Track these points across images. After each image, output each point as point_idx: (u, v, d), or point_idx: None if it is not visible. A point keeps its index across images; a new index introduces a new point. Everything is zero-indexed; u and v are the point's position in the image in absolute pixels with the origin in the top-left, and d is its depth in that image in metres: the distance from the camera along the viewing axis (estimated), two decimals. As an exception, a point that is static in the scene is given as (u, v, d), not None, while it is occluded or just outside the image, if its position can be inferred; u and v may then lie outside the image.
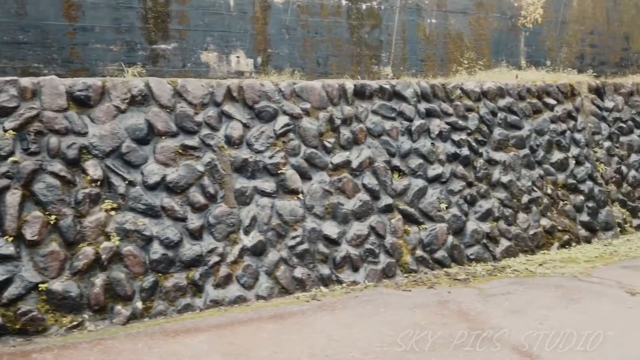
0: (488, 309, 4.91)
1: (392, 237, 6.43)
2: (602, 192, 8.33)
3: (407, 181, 6.79)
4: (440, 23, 8.99)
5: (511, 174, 7.62)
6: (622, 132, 9.04)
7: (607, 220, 8.22)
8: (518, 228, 7.40)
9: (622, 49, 11.32)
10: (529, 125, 8.05)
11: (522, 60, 9.86)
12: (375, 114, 6.86)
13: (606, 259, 6.93)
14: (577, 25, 10.57)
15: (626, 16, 11.27)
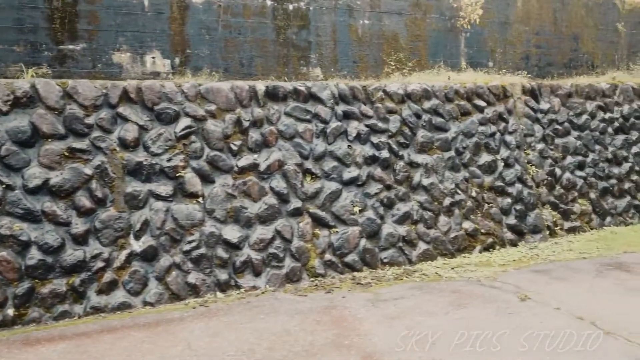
0: (369, 315, 4.76)
1: (300, 241, 6.29)
2: (531, 194, 8.20)
3: (319, 184, 6.64)
4: (373, 24, 8.85)
5: (434, 177, 7.49)
6: (558, 134, 8.89)
7: (535, 223, 8.09)
8: (438, 231, 7.26)
9: (571, 50, 11.17)
10: (456, 127, 7.90)
11: (462, 61, 9.71)
12: (289, 116, 6.71)
13: (523, 262, 6.79)
14: (521, 26, 10.43)
15: (575, 17, 11.13)
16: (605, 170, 9.06)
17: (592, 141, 9.12)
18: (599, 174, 8.97)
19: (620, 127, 9.53)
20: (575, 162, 8.78)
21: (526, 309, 4.85)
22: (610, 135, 9.39)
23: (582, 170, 8.84)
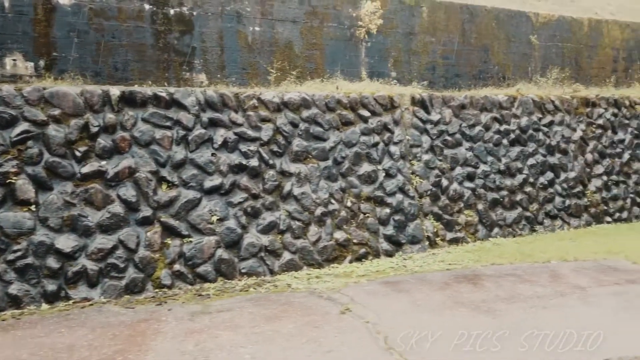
0: (172, 329, 4.51)
1: (146, 251, 6.07)
2: (412, 205, 8.10)
3: (175, 192, 6.42)
4: (265, 31, 8.68)
5: (307, 186, 7.33)
6: (448, 145, 8.79)
7: (414, 233, 7.97)
8: (306, 241, 7.09)
9: (481, 62, 11.14)
10: (336, 137, 7.75)
11: (362, 71, 9.58)
12: (146, 122, 6.47)
13: (384, 274, 6.63)
14: (427, 36, 10.36)
15: (485, 29, 11.11)
16: (496, 181, 9.01)
17: (485, 152, 9.06)
18: (489, 185, 8.91)
19: (517, 139, 9.50)
20: (464, 173, 8.70)
21: (335, 323, 4.65)
22: (505, 147, 9.36)
23: (472, 181, 8.76)
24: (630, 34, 13.27)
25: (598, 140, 10.48)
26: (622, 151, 10.72)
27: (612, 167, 10.43)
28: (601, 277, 6.08)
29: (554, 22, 11.89)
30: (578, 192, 9.77)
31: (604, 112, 10.78)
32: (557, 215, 9.37)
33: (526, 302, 5.20)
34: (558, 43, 12.00)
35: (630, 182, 10.57)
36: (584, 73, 12.43)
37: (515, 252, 7.55)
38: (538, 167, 9.45)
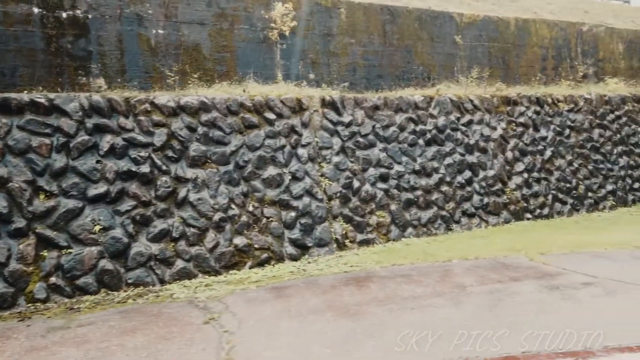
0: (16, 347, 4.18)
1: (18, 264, 5.76)
2: (320, 208, 7.96)
3: (54, 202, 6.12)
4: (170, 34, 8.43)
5: (204, 192, 7.10)
6: (360, 146, 8.66)
7: (322, 236, 7.80)
8: (203, 248, 6.88)
9: (405, 62, 11.09)
10: (238, 140, 7.58)
11: (278, 73, 9.41)
12: (22, 130, 6.15)
13: (281, 279, 6.31)
14: (347, 37, 10.25)
15: (407, 29, 11.06)
16: (411, 181, 8.93)
17: (399, 153, 8.98)
18: (403, 185, 8.83)
19: (433, 139, 9.45)
20: (377, 174, 8.60)
21: (190, 334, 4.38)
22: (421, 147, 9.30)
23: (385, 182, 8.67)
24: (559, 32, 13.43)
25: (519, 138, 10.52)
26: (544, 148, 10.79)
27: (533, 165, 10.46)
28: (489, 276, 6.01)
29: (479, 22, 11.94)
30: (497, 190, 9.78)
31: (526, 110, 10.84)
32: (474, 214, 9.35)
33: (399, 303, 5.06)
34: (484, 43, 12.05)
35: (552, 179, 10.64)
36: (512, 72, 12.52)
37: (421, 252, 7.45)
38: (455, 166, 9.42)
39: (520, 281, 5.72)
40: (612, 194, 11.42)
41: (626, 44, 14.88)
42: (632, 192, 11.78)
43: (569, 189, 10.71)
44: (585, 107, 11.66)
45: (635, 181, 11.90)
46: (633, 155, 12.14)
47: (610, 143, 11.83)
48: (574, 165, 11.01)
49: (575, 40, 13.66)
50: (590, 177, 11.16)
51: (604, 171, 11.41)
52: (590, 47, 14.03)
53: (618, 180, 11.59)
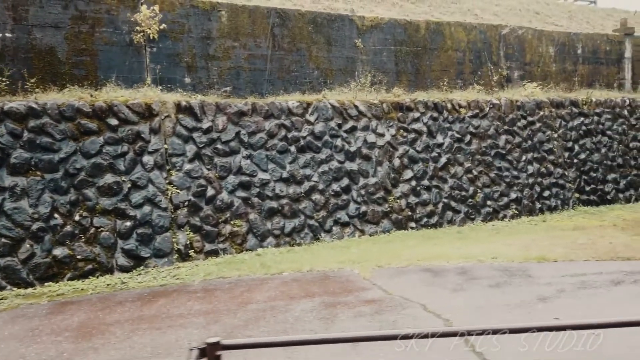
0: None
1: None
2: (163, 217, 7.69)
3: None
4: (20, 37, 8.15)
5: (24, 201, 6.84)
6: (219, 153, 8.39)
7: (161, 247, 7.51)
8: (14, 259, 6.61)
9: (298, 66, 10.76)
10: (69, 147, 7.31)
11: (147, 77, 9.13)
12: None
13: (82, 292, 6.25)
14: (229, 41, 9.95)
15: (300, 33, 10.71)
16: (276, 190, 8.64)
17: (266, 160, 8.71)
18: (267, 193, 8.52)
19: (308, 146, 9.18)
20: (237, 182, 8.35)
21: None
22: (293, 154, 9.02)
23: (247, 190, 8.42)
24: (478, 35, 13.06)
25: (411, 144, 10.18)
26: (439, 155, 10.46)
27: (424, 172, 10.00)
28: (291, 291, 5.69)
29: (384, 25, 11.60)
30: (379, 199, 9.46)
31: (421, 116, 10.51)
32: (348, 223, 9.05)
33: (153, 322, 4.82)
34: (391, 46, 11.72)
35: (445, 187, 10.30)
36: (422, 76, 12.17)
37: (260, 264, 7.14)
38: (331, 173, 9.11)
39: (311, 298, 5.42)
40: (517, 202, 11.06)
41: (557, 47, 14.47)
42: (542, 200, 11.42)
43: (464, 197, 10.37)
44: (491, 112, 11.31)
45: (545, 189, 11.53)
46: (545, 162, 11.76)
47: (519, 150, 11.46)
48: (473, 173, 10.66)
49: (497, 44, 13.29)
50: (491, 185, 10.81)
51: (509, 179, 11.05)
52: (515, 51, 13.65)
53: (524, 189, 11.22)
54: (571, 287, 5.46)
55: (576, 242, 8.01)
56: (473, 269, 6.46)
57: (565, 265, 6.48)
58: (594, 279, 5.74)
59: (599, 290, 5.31)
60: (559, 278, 5.83)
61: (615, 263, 6.51)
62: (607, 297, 5.08)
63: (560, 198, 11.56)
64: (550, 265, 6.49)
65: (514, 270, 6.31)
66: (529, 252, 7.25)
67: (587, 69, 15.05)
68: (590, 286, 5.47)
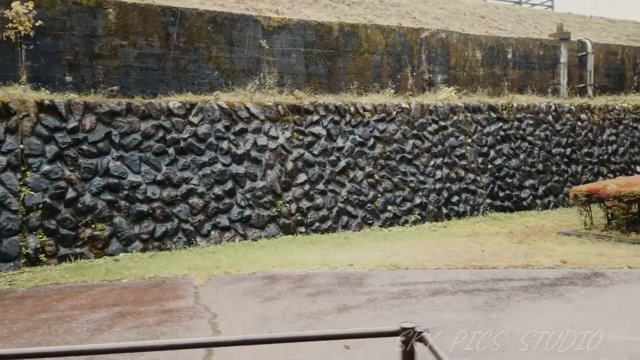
0: None
1: None
2: (12, 220, 7.41)
3: None
4: None
5: None
6: (85, 154, 7.97)
7: (8, 251, 7.20)
8: None
9: (196, 66, 10.39)
10: None
11: (23, 76, 8.83)
12: None
13: None
14: (117, 39, 9.62)
15: (198, 32, 10.28)
16: (147, 192, 8.32)
17: (139, 162, 8.44)
18: (137, 196, 8.22)
19: (189, 148, 8.91)
20: (103, 184, 8.06)
21: None
22: (170, 156, 8.76)
23: (114, 192, 8.16)
24: (398, 38, 12.88)
25: (307, 148, 9.99)
26: (337, 159, 10.25)
27: (319, 176, 9.74)
28: (108, 299, 5.49)
29: (293, 27, 11.39)
30: (266, 202, 9.25)
31: (321, 119, 10.32)
32: (229, 227, 8.84)
33: None
34: (300, 48, 11.51)
35: (342, 191, 10.09)
36: (335, 79, 11.96)
37: (106, 270, 6.80)
38: (214, 176, 8.87)
39: (113, 307, 5.18)
40: (422, 207, 10.87)
41: (485, 51, 14.33)
42: (450, 206, 11.24)
43: (362, 202, 10.17)
44: (399, 117, 11.13)
45: (454, 195, 11.36)
46: (456, 167, 11.59)
47: (428, 154, 11.28)
48: (375, 177, 10.46)
49: (418, 47, 13.13)
50: (394, 190, 10.61)
51: (414, 184, 10.86)
52: (438, 54, 13.49)
53: (431, 194, 11.05)
54: (386, 296, 5.26)
55: (450, 249, 7.82)
56: (315, 276, 6.24)
57: (408, 272, 6.28)
58: (419, 288, 5.54)
59: (410, 300, 5.11)
60: (386, 287, 5.63)
61: (460, 272, 6.32)
62: (411, 307, 4.87)
63: (470, 204, 11.40)
64: (392, 273, 6.29)
65: (353, 278, 6.10)
66: (391, 259, 7.04)
67: (518, 73, 14.92)
68: (406, 296, 5.27)
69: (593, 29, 21.61)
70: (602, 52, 16.96)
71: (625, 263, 6.57)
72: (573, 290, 5.36)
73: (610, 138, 14.50)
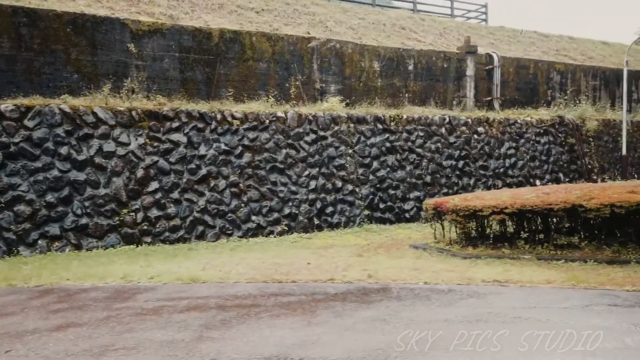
0: None
1: None
2: None
3: None
4: None
5: None
6: None
7: None
8: None
9: (53, 69, 9.89)
10: None
11: None
12: None
13: None
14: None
15: (56, 34, 9.76)
16: (-34, 199, 8.03)
17: (-43, 167, 8.10)
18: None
19: (20, 153, 8.25)
20: None
21: None
22: (-3, 160, 8.41)
23: None
24: (286, 47, 12.70)
25: (162, 155, 9.66)
26: (197, 167, 9.98)
27: (174, 184, 9.32)
28: None
29: (166, 31, 11.12)
30: (107, 211, 8.90)
31: (182, 126, 10.02)
32: (61, 236, 8.47)
33: None
34: (175, 53, 11.25)
35: (200, 201, 9.80)
36: (215, 86, 11.71)
37: None
38: (47, 183, 8.50)
39: None
40: (292, 218, 10.65)
41: (384, 63, 14.29)
42: (323, 217, 11.04)
43: (222, 211, 9.91)
44: (274, 125, 10.93)
45: (328, 206, 11.17)
46: (333, 178, 11.43)
47: (303, 164, 11.11)
48: (240, 187, 10.23)
49: (309, 56, 13.01)
50: (260, 200, 10.39)
51: (284, 194, 10.65)
52: (332, 64, 13.40)
53: (302, 204, 10.85)
54: (132, 312, 4.95)
55: (279, 261, 7.58)
56: (92, 290, 5.90)
57: (195, 287, 5.98)
58: (179, 304, 5.21)
59: (152, 317, 4.81)
60: (151, 302, 5.27)
61: (249, 285, 6.04)
62: (136, 325, 4.54)
63: (346, 215, 11.24)
64: (178, 287, 5.96)
65: (130, 292, 5.77)
66: (200, 272, 6.75)
67: (420, 85, 14.92)
68: (154, 313, 4.93)
69: (522, 42, 21.86)
70: (512, 66, 17.14)
71: (427, 278, 6.42)
72: (331, 307, 5.16)
73: (509, 151, 14.57)
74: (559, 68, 18.48)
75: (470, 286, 6.16)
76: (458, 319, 4.69)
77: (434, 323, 4.57)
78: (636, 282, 6.18)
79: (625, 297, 5.60)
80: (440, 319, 4.77)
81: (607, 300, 5.50)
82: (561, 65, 18.60)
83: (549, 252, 7.71)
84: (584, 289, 5.98)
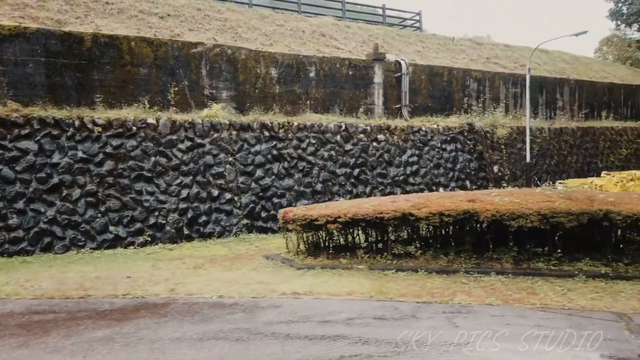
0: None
1: None
2: None
3: None
4: None
5: None
6: None
7: None
8: None
9: None
10: None
11: None
12: None
13: None
14: None
15: None
16: None
17: None
18: None
19: None
20: None
21: None
22: None
23: None
24: (170, 52, 12.33)
25: (7, 164, 9.07)
26: (48, 176, 9.45)
27: (19, 194, 8.88)
28: None
29: (31, 35, 10.63)
30: None
31: (34, 133, 9.47)
32: None
33: None
34: (41, 58, 10.78)
35: (49, 211, 9.33)
36: (88, 92, 11.21)
37: None
38: None
39: None
40: (158, 228, 10.28)
41: (282, 69, 14.07)
42: (195, 226, 10.66)
43: (75, 222, 9.48)
44: (142, 132, 10.57)
45: (202, 215, 10.83)
46: (210, 186, 11.12)
47: (174, 173, 10.76)
48: (98, 196, 9.80)
49: (197, 62, 12.71)
50: (121, 210, 9.98)
51: (149, 203, 10.25)
52: (223, 70, 13.11)
53: (170, 214, 10.49)
54: None
55: (98, 275, 7.20)
56: None
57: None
58: None
59: None
60: None
61: (26, 302, 5.72)
62: None
63: (222, 225, 10.91)
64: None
65: None
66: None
67: (323, 92, 14.74)
68: None
69: (452, 50, 21.94)
70: (424, 73, 17.14)
71: (230, 291, 6.16)
72: (73, 326, 4.81)
73: (412, 159, 14.49)
74: (476, 75, 18.58)
75: (264, 298, 5.92)
76: (196, 336, 4.46)
77: (160, 342, 4.30)
78: (439, 292, 6.00)
79: (404, 309, 5.42)
80: (173, 337, 4.50)
81: (381, 312, 5.31)
82: (478, 72, 18.70)
83: (386, 262, 7.52)
84: (377, 301, 5.79)
